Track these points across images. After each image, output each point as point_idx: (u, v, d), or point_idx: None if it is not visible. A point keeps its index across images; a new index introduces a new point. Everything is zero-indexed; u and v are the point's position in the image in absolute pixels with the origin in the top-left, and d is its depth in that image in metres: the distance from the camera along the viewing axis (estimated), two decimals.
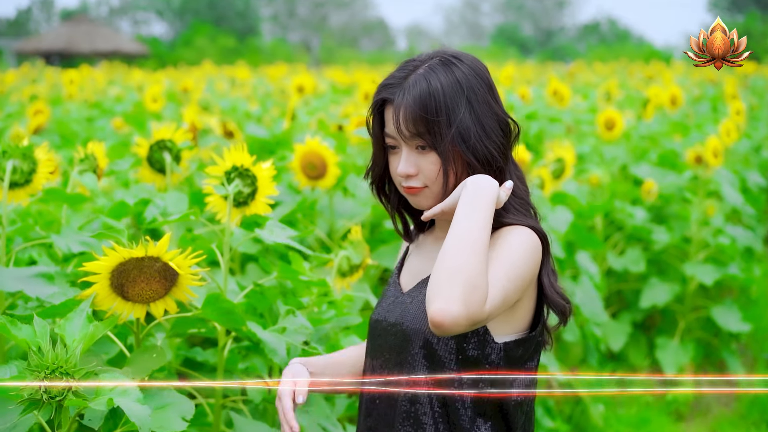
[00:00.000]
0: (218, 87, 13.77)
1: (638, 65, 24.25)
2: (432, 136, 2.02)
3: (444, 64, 2.08)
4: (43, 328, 1.92)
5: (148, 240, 2.09)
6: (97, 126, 7.67)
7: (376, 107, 2.13)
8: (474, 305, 1.77)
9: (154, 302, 2.18)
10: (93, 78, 14.54)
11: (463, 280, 1.77)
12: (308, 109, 7.91)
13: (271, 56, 42.45)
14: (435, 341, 2.02)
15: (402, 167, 2.08)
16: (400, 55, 50.62)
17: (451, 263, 1.80)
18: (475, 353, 2.01)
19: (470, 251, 1.82)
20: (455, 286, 1.77)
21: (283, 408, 2.03)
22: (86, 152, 3.16)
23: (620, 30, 67.70)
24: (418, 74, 2.06)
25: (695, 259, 5.94)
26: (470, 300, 1.76)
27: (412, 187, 2.09)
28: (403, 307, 2.12)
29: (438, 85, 2.03)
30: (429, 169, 2.06)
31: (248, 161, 2.64)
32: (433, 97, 2.02)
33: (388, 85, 2.09)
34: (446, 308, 1.75)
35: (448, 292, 1.76)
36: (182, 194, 3.31)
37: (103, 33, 40.28)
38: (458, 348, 2.01)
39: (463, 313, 1.75)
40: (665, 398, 5.41)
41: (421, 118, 2.02)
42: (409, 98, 2.03)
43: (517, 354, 2.05)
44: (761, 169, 8.50)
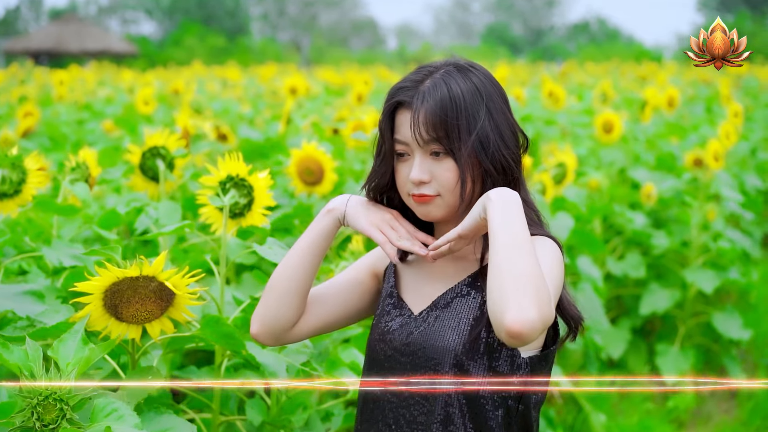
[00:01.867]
0: (209, 88, 13.66)
1: (630, 65, 24.22)
2: (450, 142, 1.93)
3: (460, 70, 2.00)
4: (35, 351, 1.82)
5: (143, 259, 1.99)
6: (87, 129, 7.56)
7: (388, 111, 2.03)
8: (545, 306, 1.71)
9: (149, 323, 2.08)
10: (82, 79, 14.41)
11: (529, 284, 1.71)
12: (302, 112, 7.81)
13: (261, 56, 42.36)
14: (466, 359, 1.92)
15: (416, 173, 1.97)
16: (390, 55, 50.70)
17: (511, 270, 1.73)
18: (506, 369, 1.93)
19: (525, 254, 1.76)
20: (524, 291, 1.70)
21: (403, 229, 2.07)
22: (77, 161, 3.06)
23: (610, 29, 67.79)
24: (436, 78, 1.98)
25: (695, 264, 5.86)
26: (541, 302, 1.70)
27: (423, 195, 1.99)
28: (423, 328, 2.00)
29: (458, 90, 1.95)
30: (444, 177, 1.96)
31: (244, 170, 2.55)
32: (455, 102, 1.94)
33: (403, 88, 2.00)
34: (522, 316, 1.68)
35: (519, 300, 1.69)
36: (175, 204, 3.21)
37: (92, 32, 40.10)
38: (489, 366, 1.92)
39: (538, 317, 1.69)
40: (666, 406, 5.34)
41: (442, 122, 1.93)
42: (429, 101, 1.94)
43: (540, 368, 1.98)
44: (758, 172, 8.43)
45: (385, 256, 2.19)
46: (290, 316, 2.10)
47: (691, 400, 5.37)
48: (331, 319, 2.17)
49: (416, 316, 2.04)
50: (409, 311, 2.06)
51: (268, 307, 2.09)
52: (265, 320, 2.10)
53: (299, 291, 2.09)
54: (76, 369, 1.81)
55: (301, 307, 2.11)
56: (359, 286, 2.19)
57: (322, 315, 2.15)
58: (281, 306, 2.09)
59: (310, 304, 2.14)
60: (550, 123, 8.29)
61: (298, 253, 2.09)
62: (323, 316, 2.15)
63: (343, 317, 2.19)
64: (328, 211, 2.11)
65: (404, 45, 62.52)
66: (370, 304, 2.21)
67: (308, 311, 2.14)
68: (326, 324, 2.17)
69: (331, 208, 2.11)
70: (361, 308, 2.20)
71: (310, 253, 2.09)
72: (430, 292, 2.06)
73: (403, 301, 2.09)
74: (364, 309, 2.21)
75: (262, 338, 2.08)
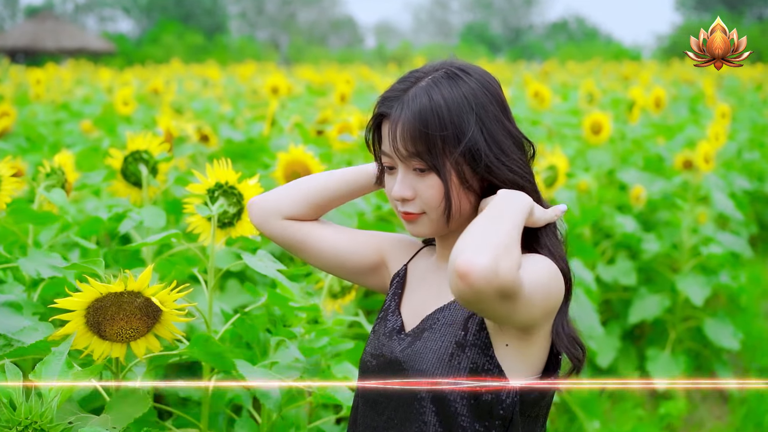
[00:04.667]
0: (188, 87, 13.49)
1: (612, 65, 24.22)
2: (432, 157, 1.80)
3: (449, 77, 1.85)
4: (15, 375, 1.69)
5: (128, 273, 1.86)
6: (65, 129, 7.40)
7: (374, 124, 1.91)
8: (505, 263, 1.55)
9: (134, 340, 1.95)
10: (59, 78, 14.20)
11: (494, 242, 1.57)
12: (284, 112, 7.66)
13: (240, 54, 42.16)
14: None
15: (397, 189, 1.86)
16: (369, 54, 50.58)
17: (477, 230, 1.61)
18: (489, 397, 1.78)
19: (498, 225, 1.63)
20: (486, 243, 1.56)
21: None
22: (53, 166, 2.92)
23: (588, 29, 67.97)
24: (420, 87, 1.84)
25: (685, 268, 5.78)
26: (501, 257, 1.54)
27: (408, 213, 1.87)
28: (406, 344, 1.88)
29: (441, 99, 1.80)
30: (428, 194, 1.83)
31: (233, 177, 2.44)
32: (435, 113, 1.79)
33: (387, 99, 1.87)
34: (474, 259, 1.52)
35: (477, 246, 1.55)
36: (159, 210, 3.07)
37: (68, 30, 39.70)
38: (471, 392, 1.78)
39: (493, 266, 1.52)
40: (658, 413, 5.24)
41: (421, 136, 1.79)
42: (407, 113, 1.81)
43: (533, 398, 1.82)
44: (745, 173, 8.37)
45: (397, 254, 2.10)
46: (289, 209, 2.08)
47: (683, 407, 5.28)
48: (314, 242, 2.09)
49: (407, 332, 1.92)
50: (402, 324, 1.95)
51: (277, 193, 2.10)
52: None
53: (314, 202, 2.09)
54: (58, 396, 1.68)
55: (304, 212, 2.09)
56: (364, 247, 2.11)
57: (315, 233, 2.10)
58: (287, 197, 2.09)
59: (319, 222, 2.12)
60: (536, 123, 8.18)
61: (333, 175, 2.11)
62: (315, 234, 2.10)
63: (326, 252, 2.10)
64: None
65: (383, 43, 62.36)
66: (353, 267, 2.11)
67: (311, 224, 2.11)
68: (308, 240, 2.09)
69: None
70: (345, 262, 2.10)
71: (344, 181, 2.10)
72: (424, 308, 1.94)
73: (400, 314, 1.98)
74: (347, 265, 2.11)
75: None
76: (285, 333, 2.48)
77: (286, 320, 2.59)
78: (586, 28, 68.34)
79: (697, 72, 17.41)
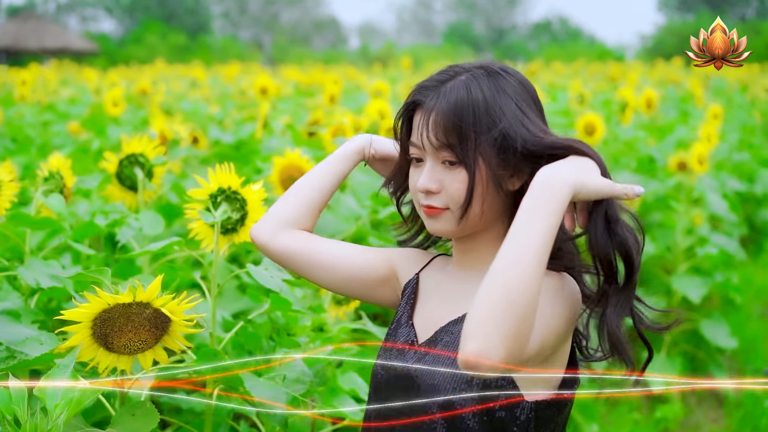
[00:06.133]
0: (175, 87, 13.40)
1: (598, 65, 24.25)
2: (463, 150, 1.74)
3: (489, 74, 1.79)
4: (20, 392, 1.63)
5: (137, 284, 1.81)
6: (53, 131, 7.31)
7: (405, 110, 1.86)
8: (516, 350, 1.46)
9: (142, 353, 1.89)
10: (44, 78, 14.08)
11: (509, 320, 1.46)
12: (273, 113, 7.61)
13: (223, 54, 42.07)
14: (458, 400, 1.72)
15: (423, 181, 1.79)
16: (353, 54, 50.53)
17: (497, 295, 1.47)
18: (503, 414, 1.72)
19: (523, 276, 1.49)
20: (499, 326, 1.45)
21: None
22: (51, 170, 2.85)
23: (571, 29, 68.16)
24: (459, 80, 1.78)
25: (680, 270, 5.75)
26: (513, 345, 1.45)
27: (431, 207, 1.80)
28: (419, 358, 1.82)
29: (479, 94, 1.75)
30: (454, 188, 1.77)
31: (236, 183, 2.38)
32: (472, 107, 1.74)
33: (424, 87, 1.82)
34: (485, 352, 1.44)
35: (488, 332, 1.45)
36: (157, 216, 3.01)
37: (51, 30, 39.44)
38: (484, 409, 1.72)
39: (503, 359, 1.44)
40: (654, 416, 5.21)
41: (455, 127, 1.74)
42: (443, 103, 1.75)
43: (548, 414, 1.76)
44: (735, 174, 8.36)
45: (408, 264, 2.03)
46: (294, 219, 2.05)
47: (679, 410, 5.25)
48: (326, 257, 2.02)
49: (419, 343, 1.86)
50: (415, 335, 1.89)
51: (276, 208, 2.08)
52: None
53: (316, 206, 2.07)
54: (65, 412, 1.62)
55: (308, 217, 2.06)
56: (373, 260, 2.04)
57: (325, 248, 2.03)
58: (287, 206, 2.06)
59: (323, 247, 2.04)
60: None
61: (325, 172, 2.08)
62: (326, 250, 2.03)
63: (339, 267, 2.02)
64: (352, 139, 2.11)
65: (367, 44, 62.33)
66: (364, 281, 2.03)
67: (315, 239, 2.05)
68: (320, 256, 2.03)
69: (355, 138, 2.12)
70: (356, 275, 2.03)
71: (337, 172, 2.08)
72: (439, 318, 1.87)
73: (413, 326, 1.92)
74: (358, 279, 2.03)
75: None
76: (290, 344, 2.42)
77: (290, 328, 2.53)
78: (569, 28, 68.52)
79: (682, 72, 17.44)
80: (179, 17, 60.09)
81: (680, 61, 23.15)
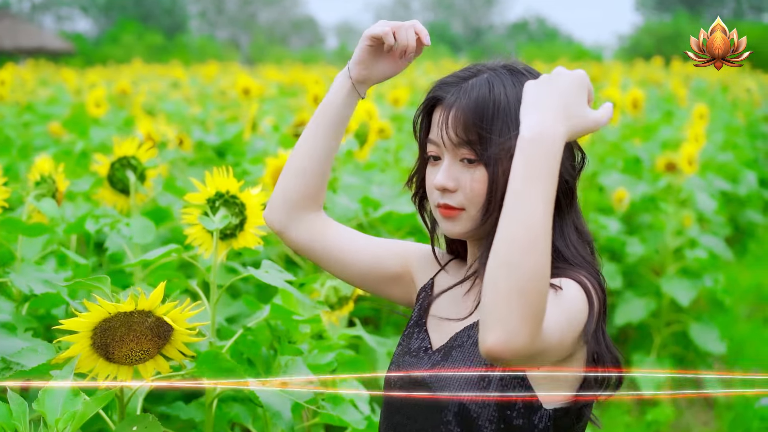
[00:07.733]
0: (154, 88, 13.28)
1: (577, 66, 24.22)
2: (483, 148, 1.69)
3: (512, 73, 1.75)
4: (20, 406, 1.56)
5: (140, 291, 1.74)
6: (33, 132, 7.20)
7: (426, 107, 1.81)
8: (537, 328, 1.40)
9: (143, 362, 1.83)
10: (21, 78, 13.92)
11: (524, 299, 1.38)
12: (259, 114, 7.54)
13: (200, 54, 41.85)
14: (474, 408, 1.67)
15: (439, 178, 1.74)
16: (331, 53, 50.42)
17: (506, 277, 1.39)
18: (521, 422, 1.67)
19: (531, 250, 1.40)
20: (515, 307, 1.38)
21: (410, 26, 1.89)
22: (43, 174, 2.78)
23: (549, 29, 68.25)
24: (481, 78, 1.74)
25: (669, 272, 5.73)
26: (533, 324, 1.39)
27: (447, 206, 1.75)
28: (432, 364, 1.77)
29: (501, 92, 1.71)
30: (472, 187, 1.72)
31: (235, 187, 2.32)
32: (494, 104, 1.70)
33: (445, 83, 1.78)
34: (507, 337, 1.37)
35: (505, 317, 1.38)
36: (149, 222, 2.94)
37: (26, 29, 39.11)
38: (500, 416, 1.67)
39: (526, 341, 1.38)
40: (645, 419, 5.19)
41: (475, 125, 1.69)
42: (464, 99, 1.71)
43: (566, 422, 1.71)
44: (720, 174, 8.35)
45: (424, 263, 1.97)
46: (301, 192, 1.96)
47: (670, 413, 5.23)
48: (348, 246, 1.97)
49: (434, 350, 1.81)
50: (429, 341, 1.83)
51: (279, 187, 1.98)
52: (274, 201, 1.92)
53: (311, 167, 1.95)
54: (69, 427, 1.55)
55: (312, 184, 1.95)
56: (391, 251, 1.99)
57: (345, 235, 1.99)
58: (290, 181, 1.96)
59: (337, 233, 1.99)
60: None
61: (309, 126, 1.97)
62: (345, 238, 1.98)
63: (362, 256, 1.97)
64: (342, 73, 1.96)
65: (345, 43, 62.22)
66: (382, 272, 1.98)
67: (329, 232, 1.98)
68: (340, 245, 1.97)
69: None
70: (377, 265, 1.98)
71: (324, 122, 1.94)
72: (453, 325, 1.82)
73: (427, 332, 1.86)
74: (377, 270, 1.98)
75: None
76: (292, 351, 2.36)
77: (291, 336, 2.47)
78: (547, 28, 68.61)
79: (662, 72, 17.46)
80: (156, 17, 59.77)
81: (660, 61, 23.20)
